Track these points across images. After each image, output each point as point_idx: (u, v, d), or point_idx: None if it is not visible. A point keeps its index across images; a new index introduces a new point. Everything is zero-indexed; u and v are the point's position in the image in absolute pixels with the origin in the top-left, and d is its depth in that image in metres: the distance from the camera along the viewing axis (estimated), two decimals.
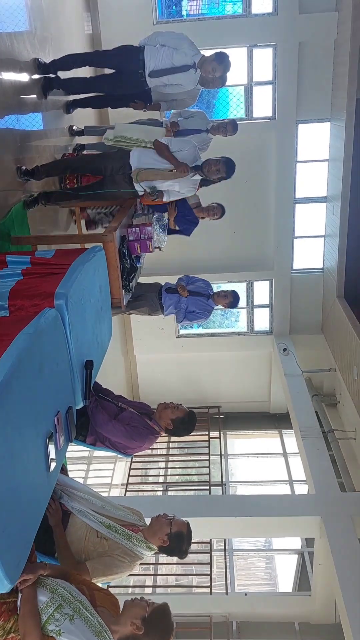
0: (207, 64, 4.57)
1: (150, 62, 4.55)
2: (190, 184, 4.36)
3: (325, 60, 7.11)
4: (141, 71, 4.59)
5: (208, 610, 6.36)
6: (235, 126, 5.23)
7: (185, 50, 4.53)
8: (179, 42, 4.54)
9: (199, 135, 5.27)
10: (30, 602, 2.06)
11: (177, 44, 4.54)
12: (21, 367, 1.98)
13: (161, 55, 4.53)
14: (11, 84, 3.94)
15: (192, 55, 4.55)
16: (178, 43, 4.54)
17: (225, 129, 5.22)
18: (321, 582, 6.01)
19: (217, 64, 4.53)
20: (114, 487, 8.21)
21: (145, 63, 4.56)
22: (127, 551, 2.54)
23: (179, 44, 4.53)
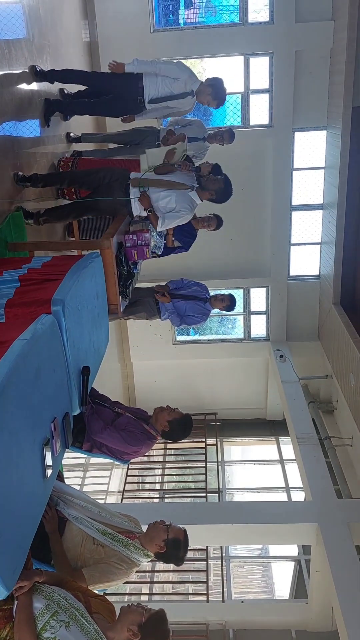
0: (203, 96, 4.74)
1: (150, 91, 4.64)
2: (186, 200, 4.30)
3: (322, 69, 7.17)
4: (140, 98, 4.65)
5: (205, 618, 6.32)
6: (232, 135, 5.27)
7: (185, 80, 4.64)
8: (178, 73, 4.63)
9: (196, 144, 5.30)
10: (26, 609, 2.05)
11: (177, 75, 4.63)
12: (18, 374, 1.98)
13: (160, 85, 4.63)
14: (9, 91, 3.96)
15: (190, 84, 4.66)
16: (177, 74, 4.63)
17: (222, 138, 5.26)
18: (318, 590, 5.99)
19: (212, 98, 4.73)
20: (111, 494, 8.17)
21: (145, 91, 4.63)
22: (124, 558, 2.53)
23: (179, 75, 4.63)
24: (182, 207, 4.26)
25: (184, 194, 4.26)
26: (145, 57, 6.82)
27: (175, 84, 4.62)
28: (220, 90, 4.73)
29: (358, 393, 6.80)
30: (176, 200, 4.22)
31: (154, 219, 4.22)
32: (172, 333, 8.93)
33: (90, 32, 6.78)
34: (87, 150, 5.58)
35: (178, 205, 4.23)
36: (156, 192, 4.19)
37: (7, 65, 3.94)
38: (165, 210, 4.23)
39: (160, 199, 4.18)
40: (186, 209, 4.29)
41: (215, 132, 5.33)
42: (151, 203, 4.17)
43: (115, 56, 6.72)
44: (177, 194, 4.21)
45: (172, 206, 4.22)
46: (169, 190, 4.19)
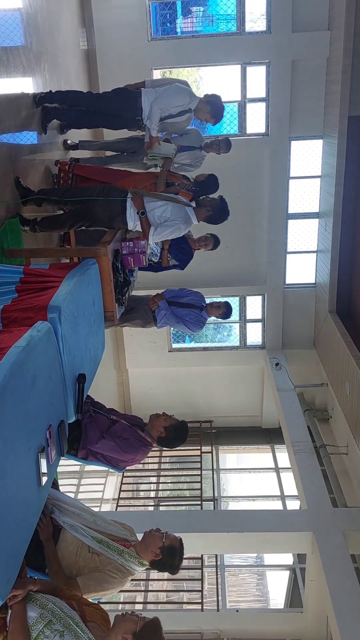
0: (201, 114, 4.80)
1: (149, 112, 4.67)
2: (183, 214, 4.27)
3: (318, 78, 7.22)
4: (139, 118, 4.69)
5: (199, 627, 6.27)
6: (228, 144, 5.30)
7: (185, 96, 4.69)
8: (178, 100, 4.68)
9: (193, 152, 5.32)
10: (20, 618, 2.04)
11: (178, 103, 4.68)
12: (13, 381, 1.97)
13: (157, 125, 4.67)
14: (6, 98, 3.97)
15: (189, 104, 4.71)
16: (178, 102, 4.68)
17: (219, 147, 5.29)
18: (313, 599, 5.96)
19: (210, 116, 4.81)
20: (105, 502, 8.14)
21: (143, 112, 4.66)
22: (119, 567, 2.52)
23: (179, 102, 4.68)
24: (177, 216, 4.21)
25: (181, 207, 4.26)
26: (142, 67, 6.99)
27: (175, 109, 4.68)
28: (217, 108, 4.81)
29: (353, 401, 6.81)
30: (172, 211, 4.19)
31: (146, 224, 4.15)
32: (167, 340, 8.93)
33: (88, 40, 6.82)
34: (84, 158, 5.60)
35: (173, 215, 4.19)
36: (152, 201, 4.19)
37: (5, 73, 3.95)
38: (160, 220, 4.19)
39: (157, 207, 4.17)
40: (180, 219, 4.23)
41: (211, 141, 5.36)
42: (144, 205, 4.14)
43: (113, 64, 6.85)
44: (173, 205, 4.21)
45: (167, 215, 4.18)
46: (165, 201, 4.20)
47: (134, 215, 4.14)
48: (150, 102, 4.62)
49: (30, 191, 4.18)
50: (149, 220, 4.16)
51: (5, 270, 2.98)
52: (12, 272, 2.98)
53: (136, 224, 4.18)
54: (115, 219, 4.16)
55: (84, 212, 4.20)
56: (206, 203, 4.43)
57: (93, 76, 6.90)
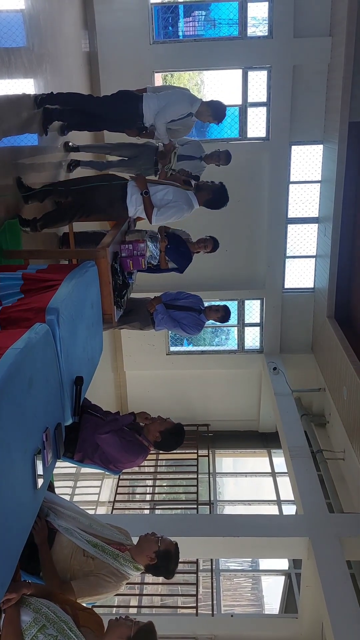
0: (203, 116, 4.81)
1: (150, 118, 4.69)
2: (185, 197, 4.33)
3: (319, 84, 7.24)
4: (140, 122, 4.71)
5: (194, 631, 6.25)
6: (228, 157, 5.30)
7: (186, 105, 4.71)
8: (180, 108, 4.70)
9: (193, 162, 5.34)
10: (13, 622, 2.02)
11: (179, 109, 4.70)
12: (10, 383, 1.96)
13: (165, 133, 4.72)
14: (7, 99, 3.97)
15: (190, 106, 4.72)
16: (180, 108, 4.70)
17: (219, 159, 5.30)
18: (308, 604, 5.94)
19: (212, 118, 4.82)
20: (101, 505, 8.11)
21: (145, 115, 4.67)
22: (114, 571, 2.50)
23: (180, 108, 4.70)
24: (179, 198, 4.28)
25: (182, 190, 4.29)
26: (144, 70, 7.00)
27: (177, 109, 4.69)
28: (218, 108, 4.81)
29: (351, 406, 6.80)
30: (174, 193, 4.25)
31: (149, 206, 4.18)
32: (165, 343, 8.92)
33: (90, 42, 6.82)
34: (84, 161, 5.60)
35: (175, 197, 4.25)
36: (154, 185, 4.21)
37: (6, 73, 3.95)
38: (163, 202, 4.24)
39: (159, 190, 4.22)
40: (182, 200, 4.29)
41: (212, 152, 5.38)
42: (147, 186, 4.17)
43: (114, 67, 6.86)
44: (175, 189, 4.26)
45: (169, 197, 4.24)
46: (167, 185, 4.23)
47: (135, 201, 4.16)
48: (151, 108, 4.62)
49: (31, 190, 4.17)
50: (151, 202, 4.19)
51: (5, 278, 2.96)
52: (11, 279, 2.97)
53: (137, 210, 4.19)
54: (115, 205, 4.16)
55: (84, 201, 4.21)
56: (206, 187, 4.44)
57: (94, 79, 6.90)
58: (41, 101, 4.58)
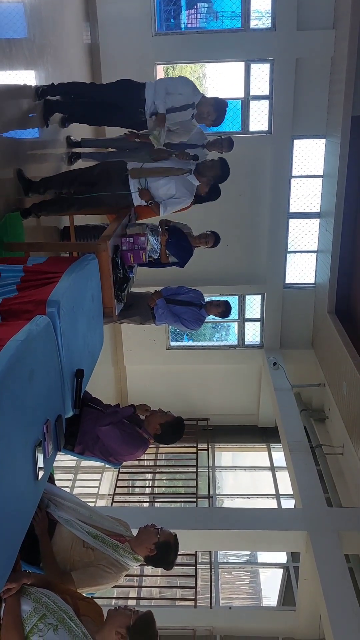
0: (204, 106, 4.77)
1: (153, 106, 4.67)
2: (186, 185, 4.33)
3: (322, 77, 7.20)
4: (141, 109, 4.67)
5: (192, 623, 6.30)
6: (231, 143, 5.27)
7: (188, 94, 4.69)
8: (182, 88, 4.69)
9: (195, 150, 5.30)
10: (14, 611, 2.04)
11: (181, 90, 4.68)
12: (11, 374, 1.96)
13: (164, 102, 4.66)
14: (7, 90, 3.95)
15: (192, 97, 4.71)
16: (181, 89, 4.68)
17: (222, 145, 5.26)
18: (306, 597, 5.98)
19: (213, 110, 4.78)
20: (101, 498, 8.14)
21: (147, 103, 4.65)
22: (113, 562, 2.52)
23: (183, 90, 4.68)
24: (183, 193, 4.32)
25: (183, 178, 4.31)
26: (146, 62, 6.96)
27: (178, 97, 4.67)
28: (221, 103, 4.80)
29: (350, 402, 6.82)
30: (176, 187, 4.27)
31: (156, 208, 4.28)
32: (166, 338, 8.93)
33: (92, 34, 6.79)
34: (85, 153, 5.58)
35: (178, 192, 4.29)
36: (155, 181, 4.21)
37: (7, 65, 3.93)
38: (166, 197, 4.28)
39: (160, 187, 4.24)
40: (186, 194, 4.35)
41: (214, 139, 5.34)
42: (151, 194, 4.18)
43: (116, 58, 6.82)
44: (176, 180, 4.26)
45: (172, 192, 4.28)
46: (167, 177, 4.22)
47: (138, 198, 4.21)
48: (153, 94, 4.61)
49: (32, 182, 4.18)
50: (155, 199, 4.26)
51: (6, 270, 2.96)
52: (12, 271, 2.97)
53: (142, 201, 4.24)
54: (121, 202, 4.24)
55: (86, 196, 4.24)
56: (206, 164, 4.47)
57: (96, 70, 6.87)
58: (42, 92, 4.57)
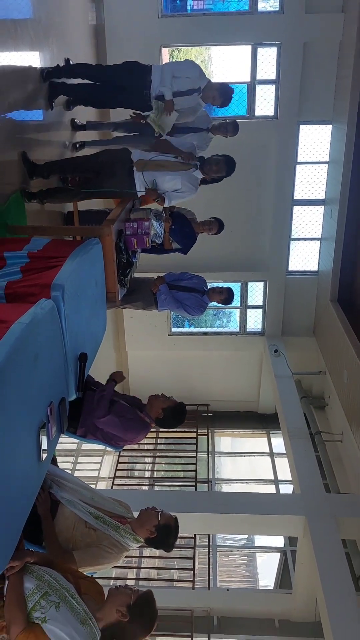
0: (210, 91, 4.75)
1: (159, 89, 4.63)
2: (192, 180, 4.33)
3: (330, 62, 7.11)
4: (147, 91, 4.63)
5: (190, 604, 6.40)
6: (236, 127, 5.23)
7: (195, 78, 4.66)
8: (188, 71, 4.65)
9: (200, 134, 5.28)
10: (17, 588, 2.08)
11: (187, 73, 4.65)
12: (16, 356, 1.98)
13: (171, 86, 4.63)
14: (13, 71, 3.92)
15: (199, 81, 4.68)
16: (188, 72, 4.65)
17: (226, 129, 5.22)
18: (303, 581, 6.07)
19: (218, 95, 4.76)
20: (101, 480, 8.22)
21: (152, 86, 4.61)
22: (115, 542, 2.56)
23: (190, 73, 4.65)
24: (188, 187, 4.32)
25: (188, 174, 4.28)
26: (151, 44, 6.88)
27: (185, 82, 4.63)
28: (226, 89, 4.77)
29: (351, 390, 6.85)
30: (181, 182, 4.26)
31: (161, 202, 4.29)
32: (167, 324, 8.94)
33: (97, 15, 6.70)
34: (90, 141, 5.56)
35: (183, 187, 4.28)
36: (161, 176, 4.19)
37: (13, 46, 3.90)
38: (171, 189, 4.28)
39: (166, 182, 4.22)
40: (191, 189, 4.35)
41: (219, 123, 5.30)
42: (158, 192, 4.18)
43: (122, 40, 6.75)
44: (182, 176, 4.24)
45: (177, 187, 4.27)
46: (173, 172, 4.20)
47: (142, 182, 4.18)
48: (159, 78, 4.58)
49: (36, 165, 4.17)
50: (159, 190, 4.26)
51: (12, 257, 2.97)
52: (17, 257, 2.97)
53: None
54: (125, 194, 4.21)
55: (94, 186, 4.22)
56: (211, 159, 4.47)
57: (101, 52, 6.80)
58: (47, 74, 4.53)
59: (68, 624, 2.02)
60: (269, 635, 6.42)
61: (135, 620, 2.16)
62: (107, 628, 2.14)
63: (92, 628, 2.08)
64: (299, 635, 6.27)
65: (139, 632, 2.21)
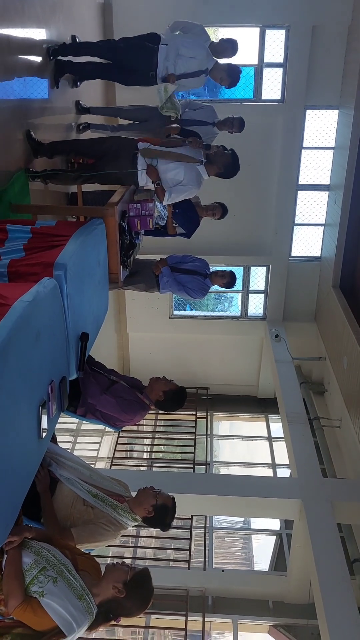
0: (217, 72, 4.73)
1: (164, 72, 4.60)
2: (196, 175, 4.26)
3: (338, 46, 7.01)
4: (153, 72, 4.60)
5: (185, 584, 6.49)
6: (242, 124, 5.19)
7: (202, 59, 4.64)
8: (197, 50, 4.61)
9: (205, 127, 5.23)
10: (15, 563, 2.11)
11: (195, 52, 4.60)
12: (18, 334, 1.99)
13: (176, 65, 4.59)
14: (19, 49, 3.88)
15: (206, 63, 4.65)
16: (196, 51, 4.60)
17: (232, 125, 5.19)
18: (298, 564, 6.15)
19: (226, 76, 4.77)
20: (100, 460, 8.30)
21: (159, 67, 4.58)
22: (112, 520, 2.60)
23: (197, 53, 4.61)
24: (190, 180, 4.22)
25: (193, 167, 4.23)
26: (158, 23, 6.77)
27: (192, 62, 4.59)
28: (235, 69, 4.74)
29: (350, 376, 6.87)
30: (184, 173, 4.18)
31: (161, 193, 4.20)
32: (169, 307, 8.95)
33: None
34: (95, 124, 5.51)
35: (186, 179, 4.20)
36: (165, 163, 4.15)
37: (19, 23, 3.85)
38: (173, 182, 4.19)
39: (169, 170, 4.15)
40: (193, 182, 4.25)
41: (225, 119, 5.27)
42: (159, 175, 4.13)
43: (129, 19, 6.65)
44: (185, 167, 4.18)
45: (179, 178, 4.18)
46: (177, 162, 4.16)
47: (145, 178, 4.13)
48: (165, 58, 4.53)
49: (41, 144, 4.14)
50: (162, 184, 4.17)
51: (14, 230, 2.97)
52: (20, 232, 2.98)
53: (148, 184, 4.16)
54: (126, 180, 4.14)
55: (93, 168, 4.17)
56: (218, 160, 4.40)
57: (108, 31, 6.71)
58: (53, 52, 4.49)
59: (65, 598, 2.06)
60: (262, 615, 6.53)
61: (131, 597, 2.20)
62: (103, 603, 2.19)
63: (88, 603, 2.12)
64: (293, 617, 6.38)
65: (135, 608, 2.25)
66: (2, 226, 3.00)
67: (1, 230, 2.95)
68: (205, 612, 6.32)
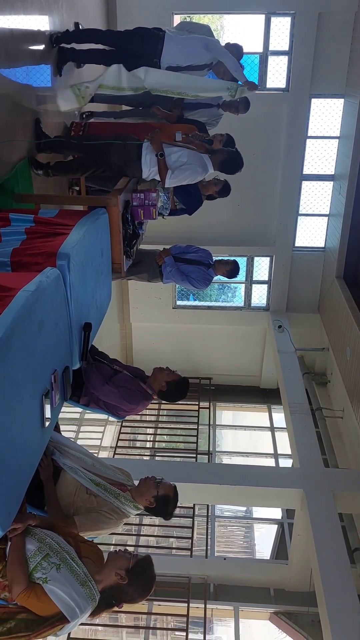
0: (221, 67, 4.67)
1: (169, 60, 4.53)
2: (199, 159, 4.23)
3: (344, 34, 6.93)
4: (156, 60, 4.53)
5: (187, 571, 6.55)
6: (247, 105, 5.14)
7: (200, 55, 4.56)
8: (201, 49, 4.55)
9: (210, 110, 5.19)
10: (19, 549, 2.14)
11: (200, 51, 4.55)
12: (22, 324, 2.00)
13: (182, 56, 4.52)
14: (22, 36, 3.85)
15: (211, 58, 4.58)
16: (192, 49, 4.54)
17: (237, 107, 5.14)
18: (299, 552, 6.20)
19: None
20: (103, 449, 8.35)
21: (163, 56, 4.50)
22: (115, 509, 2.62)
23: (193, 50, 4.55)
24: (193, 160, 4.18)
25: (197, 153, 4.21)
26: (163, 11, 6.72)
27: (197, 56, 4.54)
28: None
29: (353, 367, 6.88)
30: (188, 155, 4.16)
31: (164, 168, 4.09)
32: (172, 297, 8.95)
33: None
34: (98, 112, 5.48)
35: (189, 160, 4.16)
36: (169, 146, 4.13)
37: (22, 10, 3.82)
38: (177, 164, 4.15)
39: (173, 152, 4.12)
40: (196, 163, 4.20)
41: (230, 100, 5.21)
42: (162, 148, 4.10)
43: (133, 7, 6.59)
44: (189, 151, 4.17)
45: (183, 160, 4.14)
46: (182, 148, 4.15)
47: (149, 162, 4.09)
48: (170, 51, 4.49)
49: (46, 136, 4.12)
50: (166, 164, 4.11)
51: (16, 219, 2.97)
52: (22, 220, 2.98)
53: (151, 171, 4.12)
54: (129, 164, 4.10)
55: (97, 157, 4.14)
56: (221, 152, 4.39)
57: (111, 18, 6.65)
58: (57, 39, 4.45)
59: (68, 584, 2.09)
60: (264, 603, 6.59)
61: (133, 583, 2.23)
62: (106, 590, 2.21)
63: (91, 589, 2.14)
64: (293, 604, 6.44)
65: (137, 595, 2.28)
66: (4, 215, 3.00)
67: (4, 219, 2.95)
68: (207, 599, 6.38)
